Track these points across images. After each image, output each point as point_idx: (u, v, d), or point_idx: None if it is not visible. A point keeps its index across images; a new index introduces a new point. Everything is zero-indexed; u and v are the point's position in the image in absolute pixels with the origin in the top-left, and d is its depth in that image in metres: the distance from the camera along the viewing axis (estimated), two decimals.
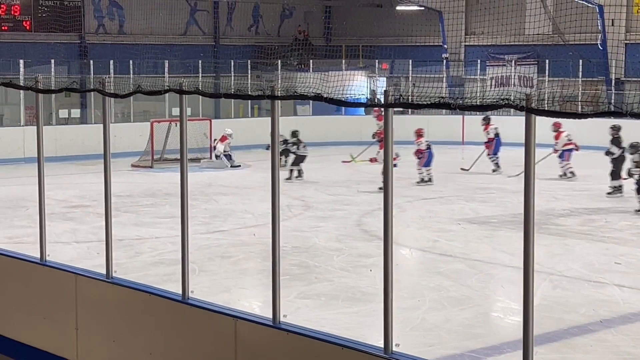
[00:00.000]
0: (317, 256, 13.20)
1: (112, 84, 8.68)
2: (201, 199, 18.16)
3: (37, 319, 9.32)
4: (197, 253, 12.58)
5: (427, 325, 9.88)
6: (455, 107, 6.03)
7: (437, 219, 16.13)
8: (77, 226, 15.58)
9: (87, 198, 18.37)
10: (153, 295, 8.16)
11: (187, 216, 7.78)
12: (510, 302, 10.71)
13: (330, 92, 6.97)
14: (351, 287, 11.46)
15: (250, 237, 14.57)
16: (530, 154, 5.68)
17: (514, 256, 12.65)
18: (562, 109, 5.71)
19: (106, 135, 8.61)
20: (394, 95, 6.31)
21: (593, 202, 18.14)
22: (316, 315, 10.13)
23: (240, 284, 11.90)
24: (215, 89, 10.09)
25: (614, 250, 13.55)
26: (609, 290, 11.25)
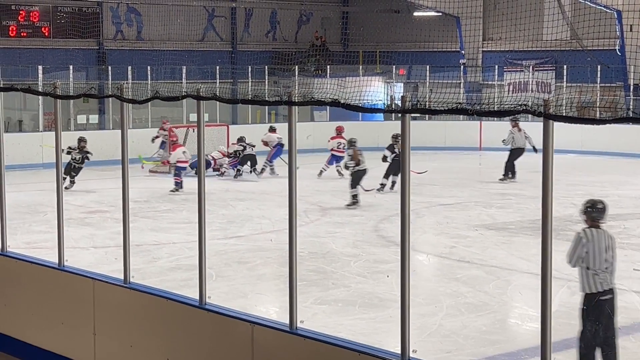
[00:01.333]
0: (334, 262, 13.20)
1: (130, 90, 8.71)
2: (218, 205, 18.20)
3: (55, 324, 9.35)
4: (214, 258, 12.59)
5: (445, 331, 9.86)
6: (473, 113, 6.01)
7: (455, 225, 16.10)
8: (95, 231, 15.63)
9: (105, 203, 18.44)
10: (170, 301, 8.17)
11: (204, 221, 7.78)
12: (528, 309, 10.67)
13: (348, 98, 6.96)
14: (368, 292, 11.45)
15: (267, 242, 14.58)
16: (548, 159, 5.66)
17: (532, 262, 12.62)
18: (580, 114, 5.69)
19: (124, 140, 8.63)
20: (412, 101, 6.31)
21: (611, 208, 17.97)
22: (333, 321, 10.12)
23: (257, 289, 11.91)
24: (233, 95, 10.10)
25: (632, 257, 13.48)
26: (628, 297, 11.19)
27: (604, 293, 7.84)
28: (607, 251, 7.95)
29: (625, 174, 23.42)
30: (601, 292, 7.83)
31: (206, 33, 34.02)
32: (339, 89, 7.10)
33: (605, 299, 7.87)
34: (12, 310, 10.00)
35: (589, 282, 7.88)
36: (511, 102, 5.90)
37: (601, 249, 7.91)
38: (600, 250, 7.90)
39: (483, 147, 29.52)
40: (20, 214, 16.81)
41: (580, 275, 7.95)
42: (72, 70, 27.62)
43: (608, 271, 7.91)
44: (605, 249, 7.94)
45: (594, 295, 7.85)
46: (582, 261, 7.93)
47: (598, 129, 24.75)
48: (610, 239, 8.05)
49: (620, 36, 28.24)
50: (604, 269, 7.87)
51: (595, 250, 7.91)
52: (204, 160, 7.95)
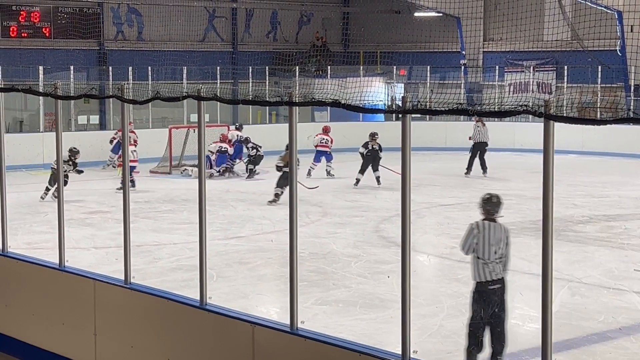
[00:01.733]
0: (335, 262, 13.20)
1: (130, 90, 8.71)
2: (219, 205, 18.20)
3: (55, 325, 9.35)
4: (215, 259, 12.60)
5: (445, 332, 9.86)
6: (474, 114, 6.01)
7: (455, 225, 16.08)
8: (95, 232, 15.64)
9: (106, 204, 18.44)
10: (171, 301, 8.17)
11: (205, 222, 7.79)
12: (529, 309, 10.67)
13: (348, 99, 6.96)
14: (369, 293, 11.45)
15: (268, 243, 14.58)
16: (549, 160, 5.66)
17: (533, 263, 12.61)
18: (581, 115, 5.69)
19: (125, 141, 8.64)
20: (412, 101, 6.31)
21: (612, 208, 18.05)
22: (334, 321, 10.12)
23: (258, 290, 11.91)
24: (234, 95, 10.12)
25: (633, 257, 13.48)
26: (628, 298, 11.19)
27: (492, 282, 8.17)
28: (498, 243, 8.24)
29: (626, 175, 23.42)
30: (490, 281, 8.16)
31: (207, 33, 34.03)
32: (339, 90, 7.10)
33: (494, 288, 8.19)
34: (13, 311, 10.00)
35: (478, 271, 8.22)
36: (512, 102, 5.90)
37: (491, 241, 8.20)
38: (491, 242, 8.20)
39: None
40: (21, 215, 16.82)
41: (472, 264, 8.28)
42: (73, 71, 27.62)
43: (500, 262, 8.23)
44: (497, 242, 8.23)
45: (483, 284, 8.18)
46: (474, 251, 8.25)
47: (599, 130, 24.76)
48: (503, 232, 8.36)
49: (620, 37, 28.25)
50: (495, 259, 8.17)
51: (485, 241, 8.21)
52: (205, 159, 7.96)
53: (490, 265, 8.17)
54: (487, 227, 8.32)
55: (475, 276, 8.23)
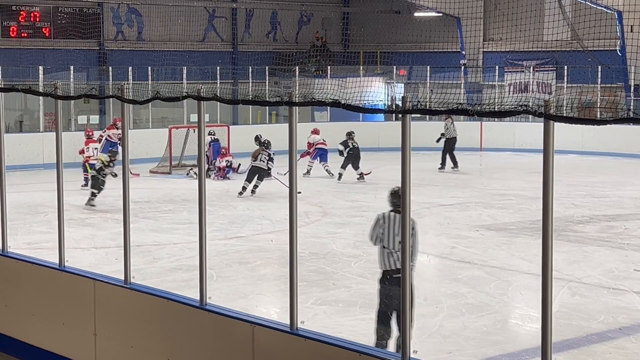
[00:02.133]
0: (335, 262, 13.20)
1: (130, 90, 8.70)
2: (219, 205, 18.20)
3: (55, 325, 9.35)
4: (215, 259, 12.60)
5: (445, 332, 9.86)
6: (474, 114, 6.01)
7: (455, 225, 16.10)
8: (95, 232, 15.64)
9: (106, 204, 18.44)
10: (171, 301, 8.17)
11: (205, 222, 7.78)
12: (529, 309, 10.67)
13: (348, 99, 6.96)
14: (369, 293, 11.44)
15: (268, 243, 14.59)
16: (549, 160, 5.65)
17: (533, 263, 12.62)
18: (581, 115, 5.70)
19: (125, 141, 8.64)
20: (412, 101, 6.30)
21: (612, 208, 18.05)
22: (334, 321, 10.13)
23: (258, 290, 11.91)
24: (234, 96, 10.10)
25: (633, 257, 13.48)
26: (628, 298, 11.20)
27: (397, 271, 8.35)
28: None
29: (625, 175, 23.43)
30: (395, 269, 8.47)
31: (207, 34, 34.03)
32: (339, 90, 7.10)
33: (399, 276, 7.97)
34: (13, 311, 10.00)
35: (384, 260, 8.56)
36: (512, 102, 5.90)
37: (396, 231, 8.53)
38: (395, 232, 8.54)
39: (484, 147, 29.53)
40: (21, 215, 16.82)
41: (378, 254, 8.60)
42: (73, 71, 27.63)
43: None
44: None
45: (388, 272, 8.53)
46: (380, 240, 8.60)
47: (598, 130, 24.81)
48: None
49: (620, 37, 28.26)
50: (399, 249, 8.41)
51: (391, 232, 8.58)
52: (204, 159, 7.96)
53: (395, 254, 8.49)
54: (392, 219, 8.65)
55: (382, 265, 8.57)
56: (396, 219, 8.60)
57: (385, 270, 8.58)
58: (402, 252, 6.46)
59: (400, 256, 7.89)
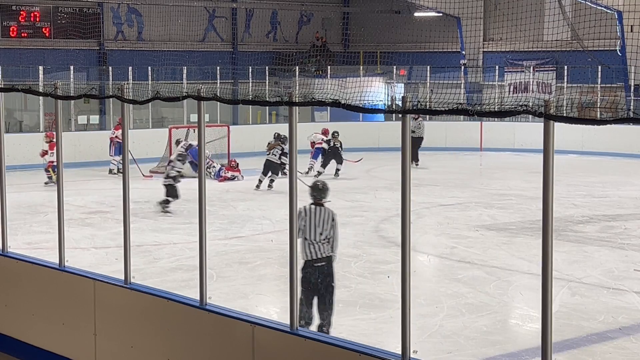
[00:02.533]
0: (335, 262, 13.18)
1: (130, 90, 8.70)
2: (219, 205, 18.20)
3: (55, 325, 9.35)
4: (215, 259, 12.60)
5: (445, 332, 9.86)
6: (474, 114, 6.00)
7: (455, 225, 16.10)
8: (95, 232, 15.64)
9: (106, 204, 18.44)
10: (171, 301, 8.17)
11: (205, 222, 7.78)
12: (529, 309, 10.68)
13: (348, 99, 6.96)
14: (369, 293, 11.45)
15: (268, 243, 14.59)
16: (549, 160, 5.65)
17: (532, 263, 12.62)
18: (581, 115, 5.70)
19: (125, 141, 8.64)
20: (412, 101, 6.30)
21: (612, 208, 18.06)
22: (334, 321, 10.12)
23: (258, 290, 11.91)
24: (234, 95, 10.10)
25: (633, 257, 13.48)
26: (628, 298, 11.20)
27: (317, 260, 9.12)
28: (324, 225, 9.16)
29: (626, 175, 23.44)
30: (314, 259, 9.10)
31: (207, 33, 34.03)
32: (339, 90, 7.10)
33: (319, 265, 9.18)
34: (13, 311, 10.00)
35: (305, 250, 9.05)
36: (512, 102, 5.91)
37: (317, 223, 9.10)
38: (316, 224, 9.10)
39: (484, 147, 29.53)
40: (21, 215, 16.82)
41: (300, 245, 8.90)
42: (73, 71, 27.64)
43: (327, 242, 9.18)
44: (323, 224, 9.16)
45: (309, 262, 9.09)
46: (302, 232, 9.03)
47: (598, 130, 24.81)
48: (328, 215, 9.24)
49: (620, 37, 28.26)
50: (321, 240, 9.12)
51: (311, 224, 9.10)
52: (205, 160, 7.96)
53: (316, 245, 9.08)
54: (312, 211, 9.17)
55: (303, 255, 9.04)
56: (316, 212, 9.18)
57: (306, 261, 9.09)
58: (402, 250, 6.45)
59: (321, 247, 9.11)
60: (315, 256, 9.10)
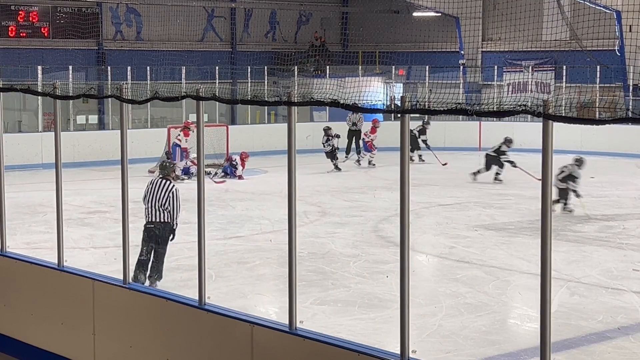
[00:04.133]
0: (334, 262, 13.20)
1: (129, 90, 8.70)
2: (218, 205, 18.20)
3: (54, 325, 9.35)
4: (213, 259, 12.60)
5: (444, 331, 9.86)
6: (472, 114, 6.01)
7: (454, 225, 16.10)
8: (94, 232, 15.63)
9: (105, 204, 18.43)
10: (170, 301, 8.17)
11: (203, 222, 7.79)
12: (528, 309, 10.68)
13: (347, 98, 6.96)
14: (368, 293, 11.46)
15: (267, 243, 14.59)
16: (548, 160, 5.66)
17: (531, 263, 12.63)
18: (580, 115, 5.70)
19: (123, 141, 8.63)
20: (411, 101, 6.31)
21: (610, 208, 18.06)
22: (333, 321, 10.13)
23: (257, 289, 11.91)
24: (232, 95, 10.11)
25: (632, 257, 13.49)
26: (627, 297, 11.20)
27: (149, 223, 11.44)
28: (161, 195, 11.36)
29: (624, 175, 23.45)
30: (148, 222, 11.42)
31: (206, 33, 34.02)
32: (338, 89, 7.10)
33: (149, 227, 11.42)
34: (12, 311, 10.00)
35: (145, 214, 11.38)
36: (511, 102, 5.91)
37: (154, 193, 11.38)
38: (154, 194, 11.38)
39: (483, 147, 29.45)
40: (19, 215, 16.81)
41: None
42: (72, 71, 27.63)
43: (164, 210, 11.37)
44: (161, 194, 11.36)
45: (145, 224, 11.42)
46: (144, 198, 11.53)
47: (597, 129, 24.82)
48: (168, 188, 11.37)
49: (619, 36, 28.27)
50: (157, 207, 11.37)
51: (151, 193, 11.41)
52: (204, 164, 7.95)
53: (152, 210, 11.36)
54: (156, 183, 11.42)
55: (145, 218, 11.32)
56: (159, 184, 11.40)
57: (145, 223, 11.34)
58: (401, 250, 6.45)
59: (156, 213, 11.35)
60: (148, 219, 11.38)
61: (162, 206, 11.29)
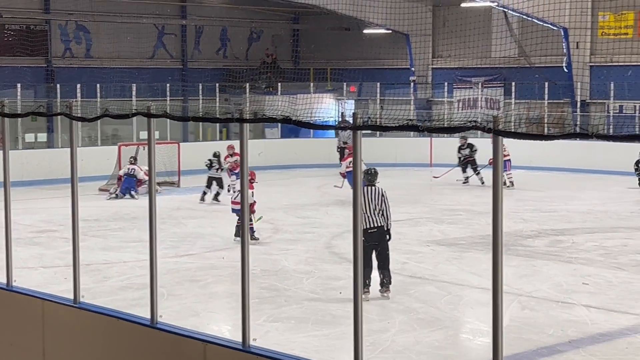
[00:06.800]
0: (287, 279, 13.18)
1: (79, 107, 8.63)
2: (170, 223, 18.08)
3: (3, 345, 9.20)
4: (165, 277, 12.51)
5: (397, 347, 9.88)
6: (423, 130, 6.05)
7: (406, 240, 16.16)
8: (44, 251, 15.45)
9: (54, 223, 18.22)
10: (121, 320, 8.09)
11: (155, 240, 7.73)
12: (480, 324, 10.74)
13: (299, 115, 6.97)
14: (321, 309, 11.45)
15: (219, 260, 14.52)
16: (498, 174, 5.71)
17: (483, 277, 12.71)
18: (529, 130, 5.76)
19: (73, 159, 8.55)
20: (363, 117, 6.33)
21: (560, 223, 18.27)
22: (286, 338, 10.10)
23: (210, 307, 11.84)
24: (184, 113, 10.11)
25: (581, 271, 13.65)
26: (577, 311, 11.32)
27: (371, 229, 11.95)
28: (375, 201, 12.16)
29: (573, 189, 23.74)
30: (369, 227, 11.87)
31: (156, 50, 33.89)
32: (290, 106, 7.11)
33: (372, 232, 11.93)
34: None
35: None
36: (461, 118, 5.95)
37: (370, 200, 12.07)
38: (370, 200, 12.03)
39: (434, 163, 29.68)
40: None
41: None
42: (20, 88, 27.33)
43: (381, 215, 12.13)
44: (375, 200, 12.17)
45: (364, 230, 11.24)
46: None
47: (546, 145, 25.08)
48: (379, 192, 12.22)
49: (566, 53, 28.69)
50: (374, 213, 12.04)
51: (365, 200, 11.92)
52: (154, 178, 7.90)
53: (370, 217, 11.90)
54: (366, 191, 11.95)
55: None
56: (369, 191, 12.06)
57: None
58: (354, 266, 6.45)
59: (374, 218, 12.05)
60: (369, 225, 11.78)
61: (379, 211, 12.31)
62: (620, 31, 28.41)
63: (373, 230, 11.93)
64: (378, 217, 12.04)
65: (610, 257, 14.70)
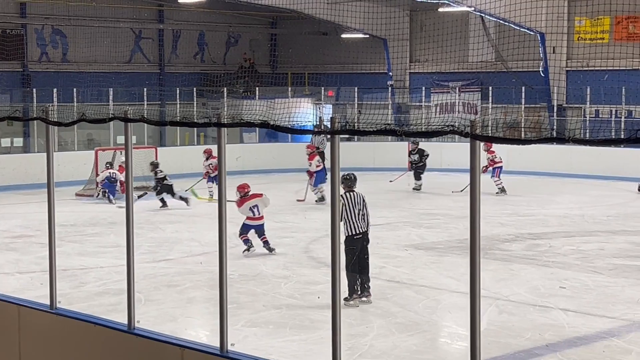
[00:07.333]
0: (265, 284, 13.16)
1: (55, 112, 8.60)
2: (147, 228, 18.00)
3: None
4: (143, 282, 12.46)
5: (375, 351, 9.88)
6: (401, 134, 6.06)
7: (384, 245, 16.16)
8: (20, 256, 15.34)
9: (31, 228, 18.10)
10: (98, 326, 8.05)
11: (132, 245, 7.70)
12: (457, 328, 10.77)
13: (277, 119, 6.97)
14: (299, 314, 11.44)
15: (197, 265, 14.47)
16: (476, 179, 5.73)
17: (461, 281, 12.75)
18: (506, 135, 5.79)
19: (50, 164, 8.50)
20: (340, 122, 6.34)
21: (537, 227, 18.34)
22: (264, 343, 10.08)
23: (187, 313, 11.80)
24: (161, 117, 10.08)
25: (558, 275, 13.70)
26: (554, 315, 11.36)
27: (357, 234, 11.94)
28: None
29: (550, 193, 23.84)
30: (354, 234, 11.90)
31: (133, 55, 33.79)
32: (268, 111, 7.13)
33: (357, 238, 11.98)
34: None
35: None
36: (438, 123, 5.97)
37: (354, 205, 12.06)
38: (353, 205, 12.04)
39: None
40: None
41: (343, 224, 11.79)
42: None
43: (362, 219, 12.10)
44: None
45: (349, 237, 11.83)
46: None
47: (523, 149, 25.21)
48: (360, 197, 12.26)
49: (543, 58, 28.86)
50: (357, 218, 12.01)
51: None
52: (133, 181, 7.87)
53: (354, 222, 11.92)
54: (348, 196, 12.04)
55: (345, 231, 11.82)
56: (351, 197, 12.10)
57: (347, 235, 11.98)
58: (332, 271, 6.45)
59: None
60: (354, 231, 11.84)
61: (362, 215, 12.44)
62: (596, 36, 28.61)
63: (359, 236, 11.99)
64: (361, 222, 12.10)
65: (587, 260, 14.77)
